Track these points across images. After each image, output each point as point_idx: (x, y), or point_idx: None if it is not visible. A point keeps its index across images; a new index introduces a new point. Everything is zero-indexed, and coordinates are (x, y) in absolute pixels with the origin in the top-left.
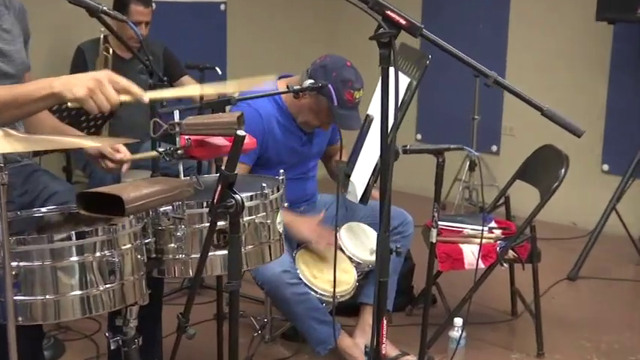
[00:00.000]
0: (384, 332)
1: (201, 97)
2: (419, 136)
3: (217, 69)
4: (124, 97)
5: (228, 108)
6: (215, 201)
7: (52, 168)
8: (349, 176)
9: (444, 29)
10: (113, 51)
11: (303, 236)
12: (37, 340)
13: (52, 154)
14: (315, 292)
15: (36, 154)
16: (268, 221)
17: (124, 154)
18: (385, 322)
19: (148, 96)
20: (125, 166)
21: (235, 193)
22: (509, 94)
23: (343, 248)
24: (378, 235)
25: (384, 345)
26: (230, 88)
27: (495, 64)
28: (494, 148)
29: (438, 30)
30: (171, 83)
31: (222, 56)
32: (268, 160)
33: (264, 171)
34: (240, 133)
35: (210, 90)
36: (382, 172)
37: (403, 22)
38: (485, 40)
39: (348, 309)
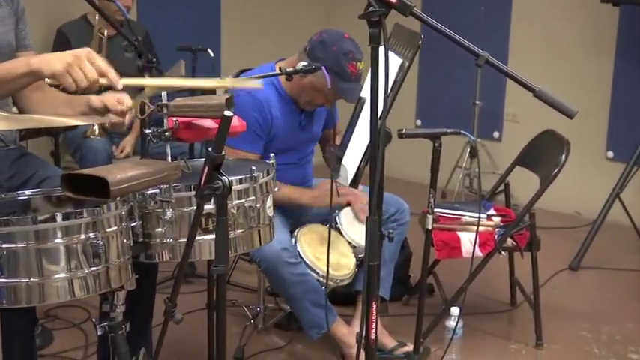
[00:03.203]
0: (374, 317)
1: None
2: (419, 122)
3: (210, 51)
4: (101, 80)
5: (219, 91)
6: (202, 183)
7: (40, 152)
8: (341, 159)
9: (444, 13)
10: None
11: (339, 200)
12: (30, 325)
13: (40, 138)
14: (317, 273)
15: (22, 138)
16: (258, 205)
17: (127, 104)
18: (375, 306)
19: (122, 83)
20: (128, 117)
21: (222, 175)
22: (507, 77)
23: (342, 232)
24: (367, 218)
25: (373, 331)
26: (210, 83)
27: (497, 48)
28: (495, 134)
29: (437, 13)
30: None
31: (216, 38)
32: (273, 148)
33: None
34: (228, 113)
35: (190, 83)
36: (372, 155)
37: None
38: (487, 24)
39: (344, 298)
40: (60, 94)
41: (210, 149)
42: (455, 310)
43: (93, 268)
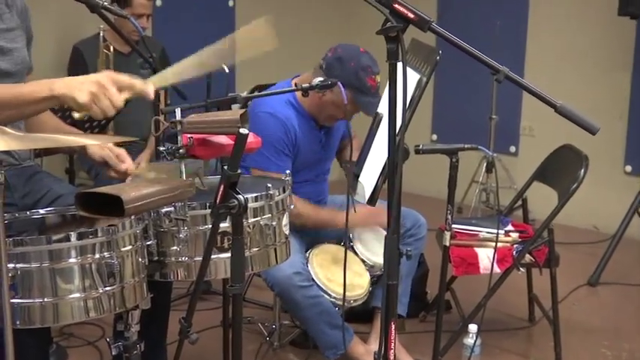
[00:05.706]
0: (393, 337)
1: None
2: (434, 137)
3: (225, 67)
4: (127, 95)
5: (235, 106)
6: (217, 201)
7: (55, 170)
8: (358, 177)
9: (459, 26)
10: (113, 47)
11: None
12: (44, 345)
13: (54, 155)
14: (329, 295)
15: (37, 155)
16: (274, 223)
17: (128, 165)
18: (394, 326)
19: (151, 86)
20: (129, 179)
21: (238, 193)
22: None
23: (356, 251)
24: (386, 236)
25: (391, 351)
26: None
27: (513, 62)
28: (512, 148)
29: (453, 27)
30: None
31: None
32: (294, 165)
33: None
34: (243, 131)
35: (208, 56)
36: (390, 171)
37: (411, 15)
38: (502, 37)
39: (361, 315)
40: (50, 120)
41: (225, 167)
42: (473, 328)
43: (107, 288)
